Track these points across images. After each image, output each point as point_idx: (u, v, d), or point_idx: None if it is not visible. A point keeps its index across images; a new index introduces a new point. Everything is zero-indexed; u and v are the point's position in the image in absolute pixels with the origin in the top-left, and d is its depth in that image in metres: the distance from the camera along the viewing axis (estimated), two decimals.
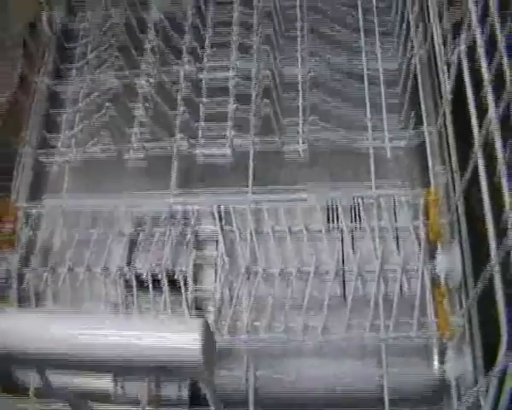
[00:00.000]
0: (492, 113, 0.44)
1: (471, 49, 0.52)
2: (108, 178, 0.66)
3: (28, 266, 0.61)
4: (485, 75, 0.47)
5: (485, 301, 0.47)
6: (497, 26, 0.45)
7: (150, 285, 0.56)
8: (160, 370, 0.29)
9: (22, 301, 0.60)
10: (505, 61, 0.43)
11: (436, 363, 0.54)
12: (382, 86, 0.67)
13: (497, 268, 0.41)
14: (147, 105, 0.65)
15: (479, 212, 0.47)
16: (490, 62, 0.47)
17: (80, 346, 0.27)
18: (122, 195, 0.62)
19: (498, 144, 0.43)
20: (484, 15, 0.48)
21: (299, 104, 0.65)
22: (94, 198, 0.62)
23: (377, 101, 0.66)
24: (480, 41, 0.49)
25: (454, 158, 0.58)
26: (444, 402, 0.53)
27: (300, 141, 0.63)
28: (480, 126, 0.45)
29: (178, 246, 0.59)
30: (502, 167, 0.42)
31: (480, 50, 0.49)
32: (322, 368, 0.56)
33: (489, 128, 0.45)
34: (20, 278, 0.60)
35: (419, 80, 0.66)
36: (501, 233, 0.42)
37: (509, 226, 0.40)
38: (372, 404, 0.53)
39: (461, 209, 0.56)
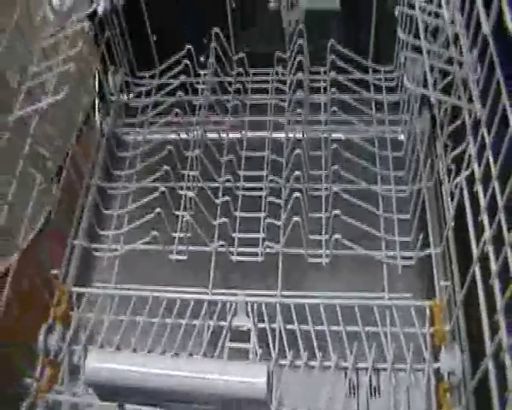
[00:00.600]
0: (487, 232, 0.55)
1: (471, 182, 0.64)
2: (153, 268, 0.77)
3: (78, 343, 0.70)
4: (482, 203, 0.58)
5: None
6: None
7: None
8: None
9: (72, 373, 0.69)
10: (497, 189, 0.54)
11: None
12: (395, 211, 0.79)
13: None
14: (191, 211, 0.76)
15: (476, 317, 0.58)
16: (486, 189, 0.58)
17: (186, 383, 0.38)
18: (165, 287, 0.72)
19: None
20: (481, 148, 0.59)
21: (323, 219, 0.77)
22: (139, 289, 0.73)
23: (390, 222, 0.78)
24: (477, 174, 0.60)
25: (456, 273, 0.70)
26: None
27: (324, 255, 0.74)
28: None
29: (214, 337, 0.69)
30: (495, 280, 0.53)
31: (478, 183, 0.61)
32: None
33: (484, 247, 0.56)
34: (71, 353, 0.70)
35: (427, 207, 0.79)
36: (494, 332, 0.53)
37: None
38: None
39: (461, 316, 0.67)
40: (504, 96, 0.49)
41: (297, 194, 0.72)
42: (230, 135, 0.88)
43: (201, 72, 0.94)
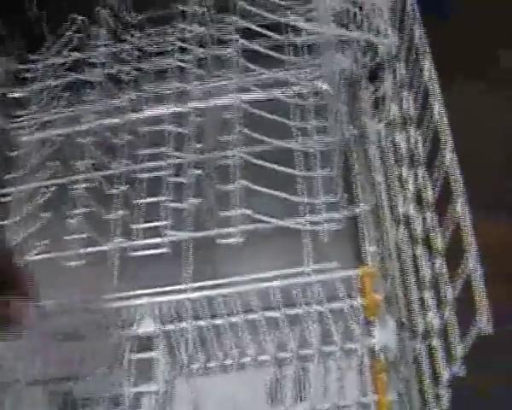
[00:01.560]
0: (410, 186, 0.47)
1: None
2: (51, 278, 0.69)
3: None
4: (403, 150, 0.50)
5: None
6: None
7: None
8: None
9: None
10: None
11: None
12: (318, 165, 0.70)
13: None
14: (82, 210, 0.69)
15: None
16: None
17: None
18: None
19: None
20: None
21: (235, 194, 0.68)
22: None
23: (313, 182, 0.69)
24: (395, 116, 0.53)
25: (390, 236, 0.62)
26: None
27: (237, 233, 0.66)
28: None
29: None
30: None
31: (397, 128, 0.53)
32: None
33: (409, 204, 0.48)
34: None
35: (354, 161, 0.70)
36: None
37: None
38: None
39: (397, 282, 0.59)
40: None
41: (199, 171, 0.64)
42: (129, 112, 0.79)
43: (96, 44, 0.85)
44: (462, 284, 0.36)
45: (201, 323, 0.61)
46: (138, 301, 0.62)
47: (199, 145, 0.71)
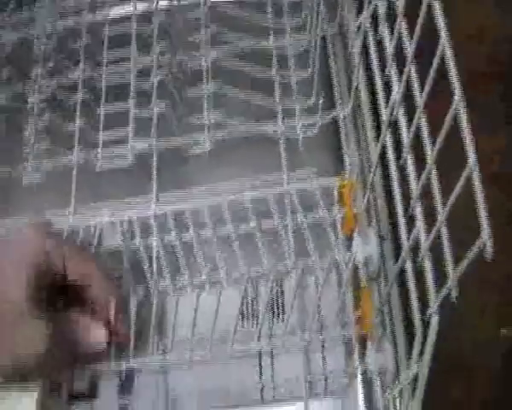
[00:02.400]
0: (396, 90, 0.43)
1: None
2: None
3: None
4: (388, 48, 0.46)
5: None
6: None
7: None
8: None
9: None
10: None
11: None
12: (293, 67, 0.65)
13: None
14: (38, 121, 0.64)
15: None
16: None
17: None
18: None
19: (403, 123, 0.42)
20: None
21: (204, 97, 0.63)
22: None
23: (288, 85, 0.64)
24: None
25: (370, 141, 0.57)
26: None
27: (207, 140, 0.61)
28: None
29: None
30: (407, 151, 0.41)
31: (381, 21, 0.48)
32: None
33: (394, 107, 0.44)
34: None
35: (331, 59, 0.66)
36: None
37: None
38: None
39: (378, 193, 0.56)
40: None
41: (165, 75, 0.60)
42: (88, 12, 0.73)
43: None
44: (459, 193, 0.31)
45: (169, 238, 0.58)
46: (101, 217, 0.58)
47: (165, 47, 0.64)
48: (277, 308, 0.58)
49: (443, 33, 0.33)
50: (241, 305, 0.50)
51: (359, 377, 0.54)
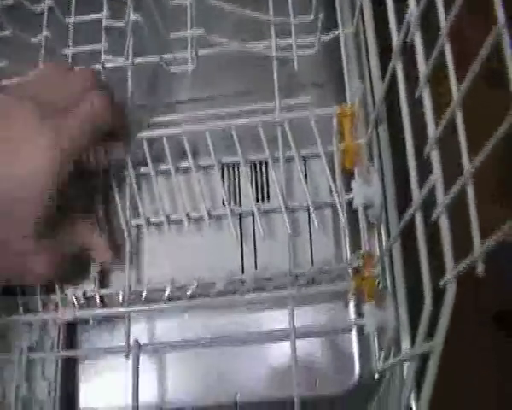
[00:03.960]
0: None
1: None
2: None
3: None
4: None
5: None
6: None
7: None
8: None
9: None
10: None
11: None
12: None
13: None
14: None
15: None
16: None
17: None
18: None
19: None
20: None
21: (186, 10, 0.56)
22: None
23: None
24: None
25: (374, 65, 0.50)
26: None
27: (189, 58, 0.54)
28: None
29: None
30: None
31: None
32: None
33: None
34: None
35: None
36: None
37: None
38: None
39: (383, 126, 0.49)
40: None
41: None
42: None
43: None
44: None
45: (145, 169, 0.52)
46: None
47: None
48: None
49: None
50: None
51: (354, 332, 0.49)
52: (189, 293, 0.47)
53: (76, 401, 0.52)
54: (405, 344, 0.42)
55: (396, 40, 0.37)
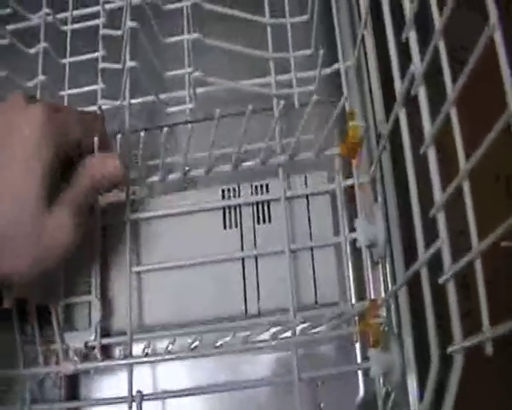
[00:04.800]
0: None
1: None
2: None
3: None
4: None
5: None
6: None
7: None
8: None
9: None
10: None
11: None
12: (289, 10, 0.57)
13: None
14: None
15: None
16: None
17: None
18: None
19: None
20: None
21: (183, 49, 0.56)
22: None
23: (283, 32, 0.56)
24: None
25: (377, 98, 0.49)
26: None
27: (187, 98, 0.54)
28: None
29: None
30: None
31: None
32: None
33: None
34: None
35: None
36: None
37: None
38: None
39: (385, 165, 0.48)
40: None
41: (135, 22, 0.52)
42: None
43: None
44: None
45: (144, 214, 0.51)
46: None
47: None
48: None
49: None
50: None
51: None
52: (192, 347, 0.47)
53: None
54: (411, 387, 0.41)
55: (399, 88, 0.36)
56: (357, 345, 0.51)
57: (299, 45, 0.55)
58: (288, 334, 0.46)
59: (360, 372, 0.50)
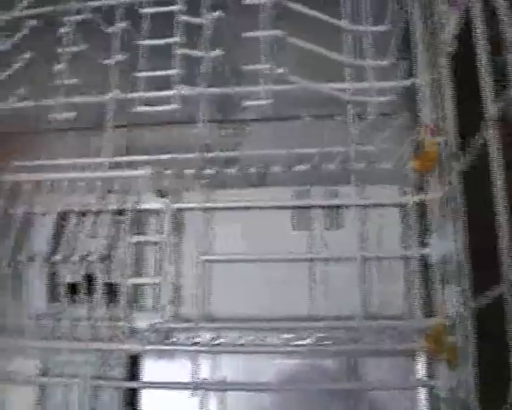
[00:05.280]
0: None
1: None
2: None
3: None
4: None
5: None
6: None
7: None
8: None
9: None
10: None
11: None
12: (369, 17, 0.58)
13: None
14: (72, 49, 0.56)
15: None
16: None
17: None
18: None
19: None
20: None
21: (263, 45, 0.56)
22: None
23: (362, 38, 0.57)
24: None
25: (450, 115, 0.50)
26: None
27: (263, 93, 0.55)
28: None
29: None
30: None
31: None
32: None
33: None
34: None
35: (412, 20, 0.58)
36: None
37: None
38: None
39: (458, 182, 0.49)
40: None
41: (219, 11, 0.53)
42: None
43: None
44: None
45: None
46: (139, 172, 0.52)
47: None
48: None
49: None
50: None
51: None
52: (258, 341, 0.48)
53: None
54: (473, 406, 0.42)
55: (492, 110, 0.37)
56: (419, 360, 0.51)
57: (373, 54, 0.55)
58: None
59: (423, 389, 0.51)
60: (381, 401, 0.50)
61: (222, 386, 0.49)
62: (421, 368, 0.51)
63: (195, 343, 0.48)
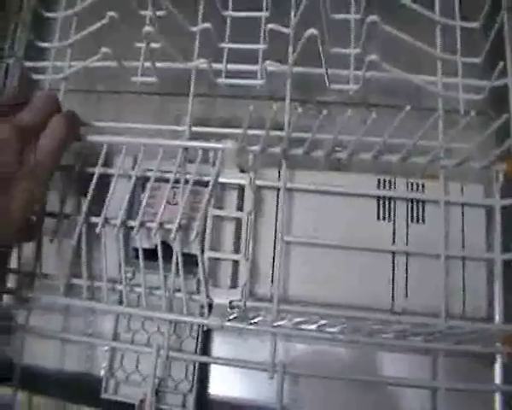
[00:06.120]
0: None
1: None
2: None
3: None
4: None
5: None
6: None
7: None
8: None
9: None
10: None
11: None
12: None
13: None
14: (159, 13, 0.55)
15: None
16: None
17: None
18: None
19: None
20: None
21: (352, 27, 0.55)
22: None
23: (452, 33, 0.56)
24: None
25: None
26: None
27: (352, 78, 0.54)
28: None
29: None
30: None
31: None
32: None
33: None
34: None
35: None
36: None
37: None
38: None
39: None
40: None
41: None
42: None
43: None
44: None
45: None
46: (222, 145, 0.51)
47: None
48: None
49: None
50: None
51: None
52: (336, 329, 0.47)
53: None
54: None
55: None
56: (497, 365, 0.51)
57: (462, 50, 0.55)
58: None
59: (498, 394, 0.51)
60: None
61: (299, 370, 0.49)
62: (498, 373, 0.51)
63: (276, 326, 0.47)
